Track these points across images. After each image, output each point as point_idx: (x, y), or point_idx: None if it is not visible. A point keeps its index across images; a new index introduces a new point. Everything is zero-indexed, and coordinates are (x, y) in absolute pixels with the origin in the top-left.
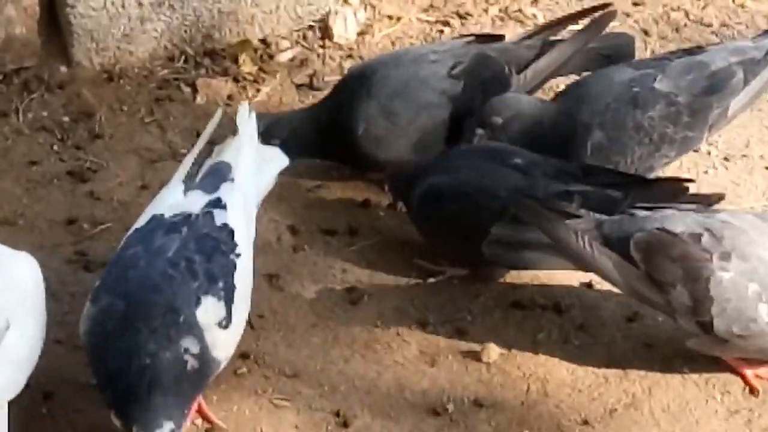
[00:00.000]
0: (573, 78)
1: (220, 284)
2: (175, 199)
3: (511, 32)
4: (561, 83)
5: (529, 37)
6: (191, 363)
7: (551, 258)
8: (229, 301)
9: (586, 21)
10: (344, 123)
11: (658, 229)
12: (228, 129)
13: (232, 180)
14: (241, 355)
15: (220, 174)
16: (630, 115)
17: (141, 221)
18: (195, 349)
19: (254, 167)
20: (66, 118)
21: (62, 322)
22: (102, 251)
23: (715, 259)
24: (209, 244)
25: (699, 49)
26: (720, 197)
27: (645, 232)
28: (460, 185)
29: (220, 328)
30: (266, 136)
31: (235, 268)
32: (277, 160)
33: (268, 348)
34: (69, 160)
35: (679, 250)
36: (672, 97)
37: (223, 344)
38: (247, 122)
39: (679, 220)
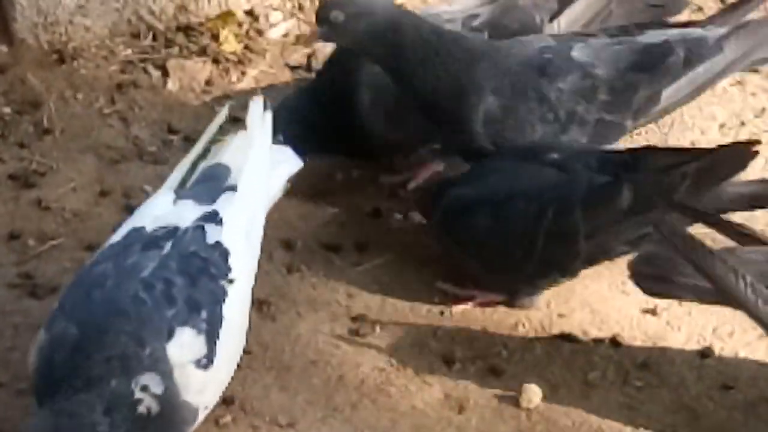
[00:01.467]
0: None
1: (203, 314)
2: (162, 209)
3: None
4: None
5: None
6: (149, 405)
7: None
8: (212, 336)
9: None
10: (347, 95)
11: None
12: (206, 120)
13: (234, 189)
14: (224, 400)
15: (218, 180)
16: (534, 83)
17: (117, 235)
18: (157, 388)
19: (263, 174)
20: (7, 110)
21: (4, 360)
22: (51, 273)
23: None
24: (195, 266)
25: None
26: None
27: None
28: (489, 193)
29: (196, 368)
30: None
31: (225, 296)
32: (288, 162)
33: (258, 392)
34: (11, 160)
35: None
36: (588, 69)
37: (200, 387)
38: (259, 119)
39: None
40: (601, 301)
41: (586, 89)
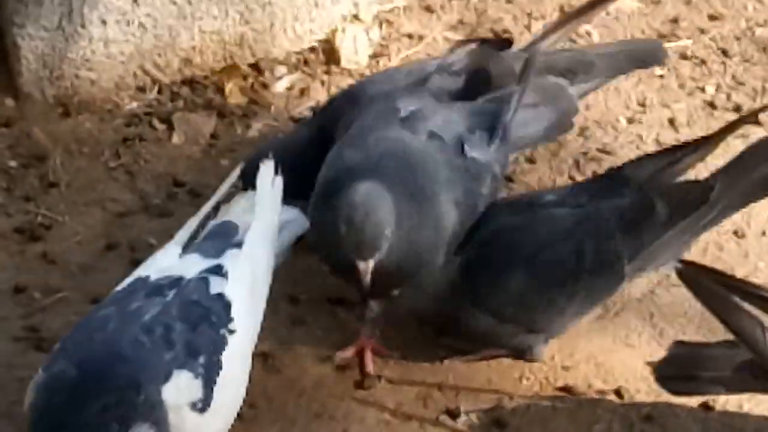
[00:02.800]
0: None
1: (201, 360)
2: (168, 262)
3: None
4: None
5: (537, 41)
6: None
7: None
8: (209, 382)
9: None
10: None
11: None
12: (211, 173)
13: (240, 245)
14: None
15: (225, 237)
16: None
17: (122, 284)
18: None
19: (271, 233)
20: (13, 163)
21: (8, 414)
22: (57, 326)
23: None
24: (196, 313)
25: None
26: None
27: None
28: (510, 252)
29: (192, 410)
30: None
31: (225, 345)
32: (295, 222)
33: None
34: (17, 214)
35: None
36: None
37: (194, 431)
38: (269, 180)
39: None
40: (605, 353)
41: None
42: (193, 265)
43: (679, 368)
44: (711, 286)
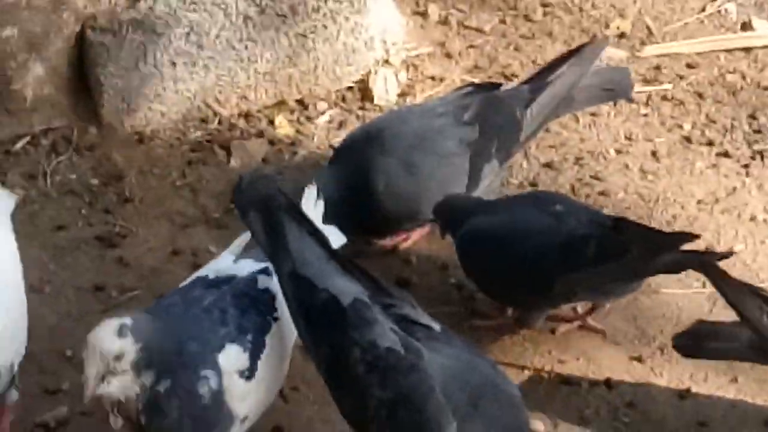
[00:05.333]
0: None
1: (249, 337)
2: (224, 265)
3: None
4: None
5: (527, 81)
6: (205, 395)
7: None
8: (255, 356)
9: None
10: (363, 183)
11: None
12: None
13: None
14: (275, 429)
15: None
16: None
17: (184, 282)
18: (214, 384)
19: None
20: (95, 181)
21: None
22: None
23: None
24: (246, 302)
25: None
26: (727, 255)
27: None
28: (496, 226)
29: (240, 377)
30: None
31: (269, 328)
32: (334, 237)
33: (302, 423)
34: (97, 224)
35: None
36: None
37: (242, 395)
38: (313, 203)
39: None
40: (595, 349)
41: None
42: (244, 267)
43: (696, 339)
44: (726, 278)
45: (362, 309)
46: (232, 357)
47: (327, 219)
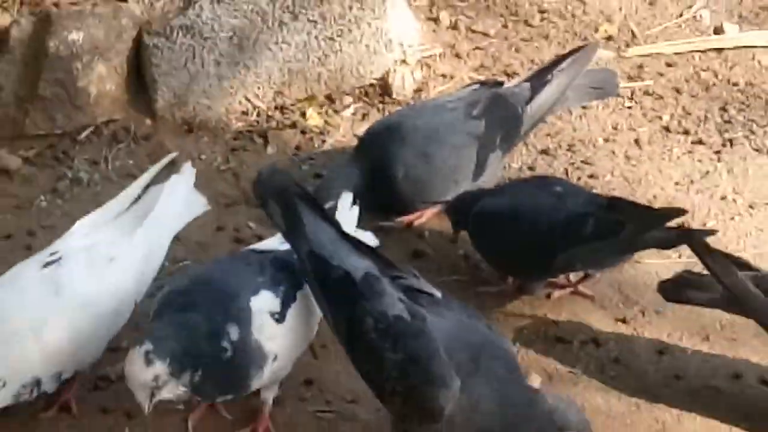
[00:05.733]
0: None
1: (281, 288)
2: (269, 244)
3: None
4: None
5: (526, 80)
6: (227, 346)
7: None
8: (286, 304)
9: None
10: (384, 170)
11: None
12: (297, 178)
13: None
14: (306, 381)
15: None
16: None
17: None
18: (234, 335)
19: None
20: (150, 167)
21: None
22: None
23: None
24: (283, 265)
25: None
26: (712, 232)
27: None
28: (504, 207)
29: (270, 318)
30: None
31: (301, 287)
32: (369, 241)
33: (330, 376)
34: None
35: None
36: None
37: (271, 335)
38: (348, 210)
39: None
40: (585, 312)
41: None
42: (285, 245)
43: (679, 286)
44: (704, 246)
45: (373, 282)
46: (265, 300)
47: (354, 201)
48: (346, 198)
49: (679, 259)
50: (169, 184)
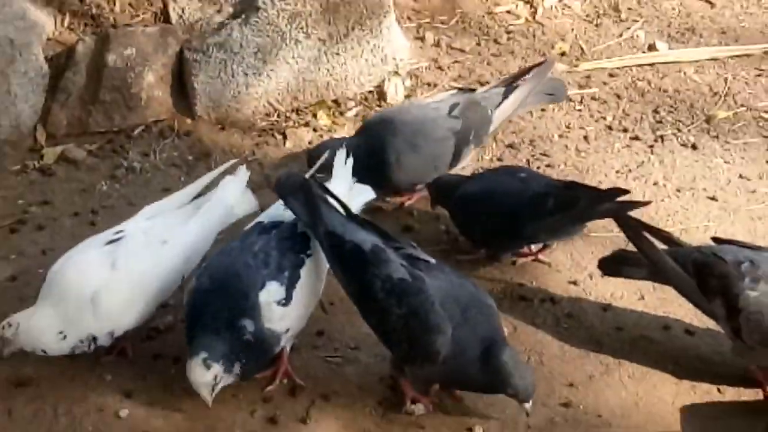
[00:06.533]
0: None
1: (285, 273)
2: (276, 212)
3: None
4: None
5: (495, 87)
6: (248, 338)
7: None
8: (290, 287)
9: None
10: (380, 155)
11: (713, 254)
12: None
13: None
14: (318, 332)
15: None
16: None
17: (249, 226)
18: (251, 327)
19: (345, 194)
20: (190, 158)
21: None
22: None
23: (747, 281)
24: (286, 245)
25: None
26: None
27: (701, 255)
28: (480, 190)
29: (278, 305)
30: (312, 158)
31: (303, 264)
32: (365, 193)
33: (337, 327)
34: None
35: (720, 270)
36: None
37: (280, 317)
38: (342, 165)
39: (731, 252)
40: (543, 275)
41: None
42: (290, 215)
43: (614, 262)
44: (633, 226)
45: (379, 252)
46: (271, 291)
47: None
48: (341, 154)
49: (620, 234)
50: (223, 183)
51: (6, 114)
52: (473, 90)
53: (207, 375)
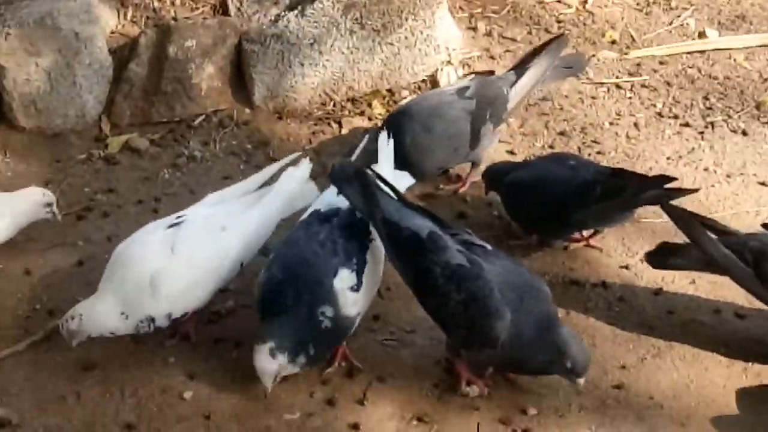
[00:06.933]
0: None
1: (354, 260)
2: (330, 198)
3: None
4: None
5: (513, 68)
6: (326, 323)
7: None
8: (360, 272)
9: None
10: (396, 139)
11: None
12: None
13: None
14: (374, 317)
15: None
16: None
17: (307, 213)
18: (330, 313)
19: (390, 175)
20: (249, 146)
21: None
22: (275, 240)
23: None
24: (349, 231)
25: None
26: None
27: (759, 243)
28: (529, 178)
29: (351, 291)
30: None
31: (367, 249)
32: (405, 179)
33: (393, 311)
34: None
35: None
36: None
37: (353, 303)
38: (386, 149)
39: None
40: (595, 261)
41: None
42: (344, 200)
43: (661, 255)
44: (682, 215)
45: (436, 238)
46: (344, 279)
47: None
48: (383, 136)
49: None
50: (285, 174)
51: (72, 105)
52: (492, 73)
53: (272, 364)
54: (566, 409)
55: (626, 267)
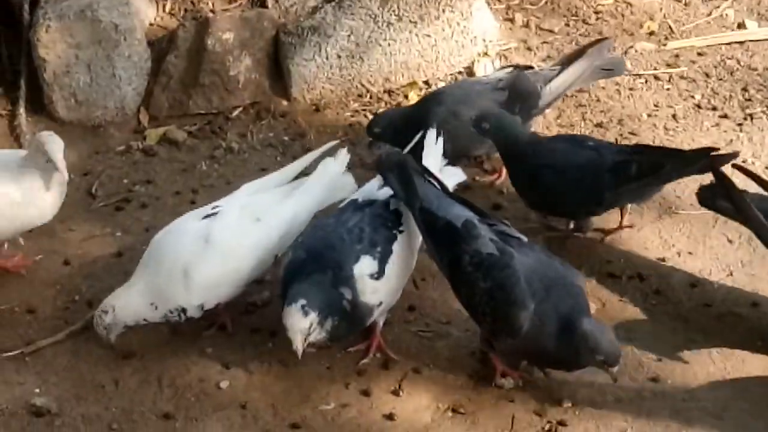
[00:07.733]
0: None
1: (378, 249)
2: (370, 191)
3: None
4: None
5: (555, 65)
6: (345, 305)
7: None
8: (383, 261)
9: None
10: (423, 122)
11: None
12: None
13: None
14: (409, 307)
15: None
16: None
17: (344, 203)
18: (348, 295)
19: (437, 172)
20: (286, 138)
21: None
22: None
23: None
24: (379, 221)
25: None
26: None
27: None
28: (555, 163)
29: (370, 279)
30: (372, 126)
31: (395, 239)
32: (457, 176)
33: (429, 302)
34: None
35: None
36: None
37: (372, 291)
38: (433, 146)
39: None
40: (631, 254)
41: None
42: (383, 193)
43: (714, 194)
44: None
45: (470, 227)
46: (364, 265)
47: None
48: (431, 133)
49: (708, 211)
50: (322, 165)
51: (111, 96)
52: (530, 67)
53: (304, 321)
54: (602, 401)
55: (663, 259)
